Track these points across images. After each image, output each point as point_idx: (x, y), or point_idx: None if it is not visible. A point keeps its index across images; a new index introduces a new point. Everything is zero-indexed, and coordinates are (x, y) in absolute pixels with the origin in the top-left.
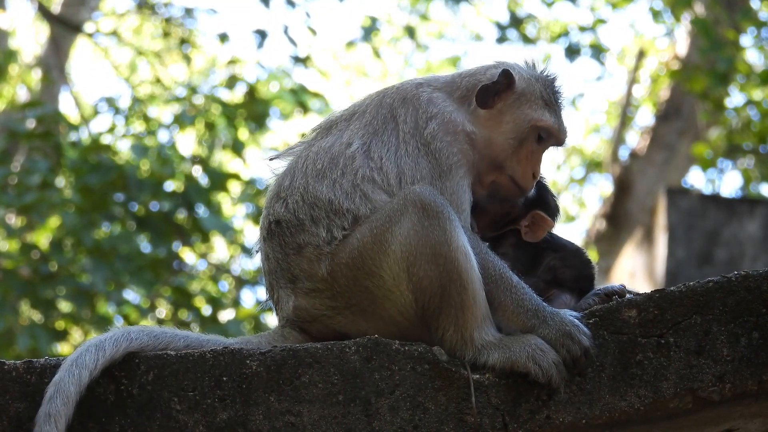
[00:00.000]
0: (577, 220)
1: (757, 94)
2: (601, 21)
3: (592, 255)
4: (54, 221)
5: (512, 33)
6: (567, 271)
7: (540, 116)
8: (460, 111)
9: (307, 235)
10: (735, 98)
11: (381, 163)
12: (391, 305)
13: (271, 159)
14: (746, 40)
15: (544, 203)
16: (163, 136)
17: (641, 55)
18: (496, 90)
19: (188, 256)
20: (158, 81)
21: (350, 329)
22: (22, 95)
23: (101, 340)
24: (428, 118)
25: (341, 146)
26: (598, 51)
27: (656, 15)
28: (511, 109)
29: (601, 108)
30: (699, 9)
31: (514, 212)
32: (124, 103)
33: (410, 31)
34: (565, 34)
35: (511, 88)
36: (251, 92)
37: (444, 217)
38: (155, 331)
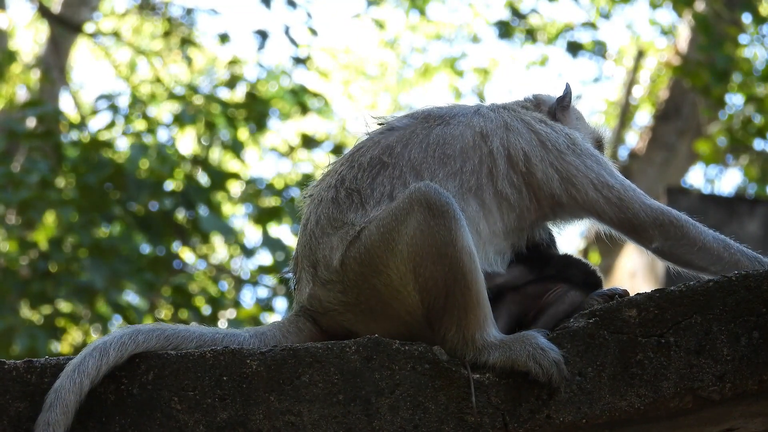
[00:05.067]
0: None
1: (759, 91)
2: (604, 16)
3: (594, 255)
4: (53, 219)
5: (513, 30)
6: (573, 269)
7: (597, 128)
8: None
9: (356, 215)
10: (734, 97)
11: (530, 168)
12: (399, 305)
13: (378, 123)
14: (746, 37)
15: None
16: (162, 135)
17: (640, 55)
18: (563, 105)
19: (188, 255)
20: (158, 80)
21: (359, 328)
22: (22, 95)
23: (106, 344)
24: (563, 128)
25: (474, 137)
26: (598, 47)
27: (656, 8)
28: (571, 120)
29: (600, 108)
30: (699, 5)
31: None
32: (124, 102)
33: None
34: (567, 30)
35: (570, 104)
36: (251, 92)
37: (449, 216)
38: (167, 332)
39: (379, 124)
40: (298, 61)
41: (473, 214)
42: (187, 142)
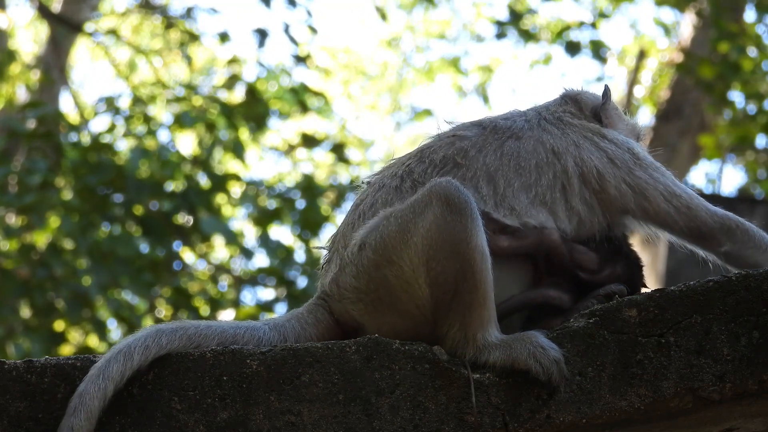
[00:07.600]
0: None
1: (763, 89)
2: (604, 16)
3: None
4: (53, 222)
5: (511, 30)
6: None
7: (635, 122)
8: None
9: None
10: (737, 95)
11: (603, 185)
12: (409, 298)
13: (451, 126)
14: (746, 37)
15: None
16: (163, 136)
17: (642, 55)
18: (605, 107)
19: (188, 256)
20: (159, 81)
21: (367, 320)
22: (22, 95)
23: (130, 347)
24: (623, 140)
25: (547, 154)
26: (598, 47)
27: (661, 5)
28: (615, 121)
29: None
30: (701, 3)
31: None
32: (124, 103)
33: None
34: (566, 29)
35: (610, 103)
36: (251, 92)
37: (466, 214)
38: (189, 331)
39: (451, 135)
40: (299, 59)
41: (542, 219)
42: (187, 142)
